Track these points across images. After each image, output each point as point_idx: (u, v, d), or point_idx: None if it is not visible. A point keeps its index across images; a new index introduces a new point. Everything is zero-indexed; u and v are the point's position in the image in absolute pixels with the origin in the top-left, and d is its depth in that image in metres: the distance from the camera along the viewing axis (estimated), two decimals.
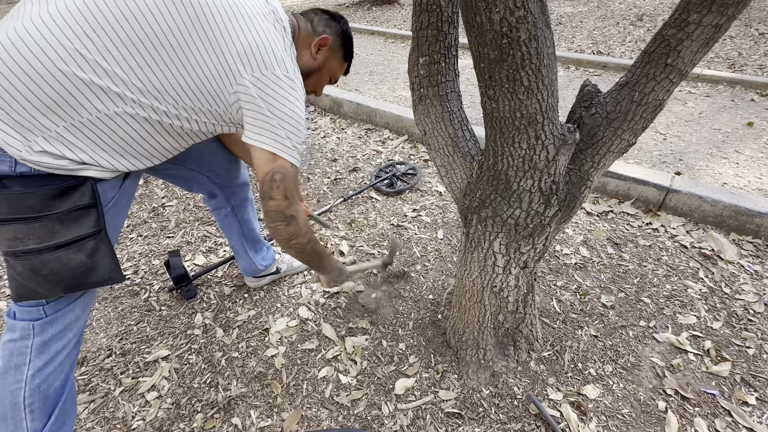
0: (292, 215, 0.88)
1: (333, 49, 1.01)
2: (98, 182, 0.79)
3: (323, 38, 0.96)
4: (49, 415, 0.86)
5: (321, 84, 1.07)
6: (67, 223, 0.75)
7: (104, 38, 0.69)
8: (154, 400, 1.16)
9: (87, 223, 0.77)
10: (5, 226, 0.73)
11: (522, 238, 0.99)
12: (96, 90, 0.70)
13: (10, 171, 0.71)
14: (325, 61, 1.01)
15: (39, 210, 0.73)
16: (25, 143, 0.69)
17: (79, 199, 0.76)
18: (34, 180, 0.73)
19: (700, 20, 0.73)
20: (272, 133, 0.81)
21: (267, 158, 0.82)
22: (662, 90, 0.81)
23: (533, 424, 1.07)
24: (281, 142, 0.82)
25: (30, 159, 0.70)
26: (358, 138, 2.71)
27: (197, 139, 0.90)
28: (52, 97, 0.68)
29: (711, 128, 2.45)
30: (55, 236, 0.75)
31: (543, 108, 0.80)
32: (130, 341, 1.34)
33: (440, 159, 1.04)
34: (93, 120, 0.73)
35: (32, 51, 0.66)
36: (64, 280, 0.78)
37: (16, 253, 0.74)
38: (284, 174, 0.83)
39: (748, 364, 1.19)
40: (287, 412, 1.13)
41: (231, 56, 0.77)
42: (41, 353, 0.83)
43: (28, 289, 0.77)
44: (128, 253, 1.74)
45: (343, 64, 1.08)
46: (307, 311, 1.43)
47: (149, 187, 2.23)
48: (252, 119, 0.81)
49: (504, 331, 1.18)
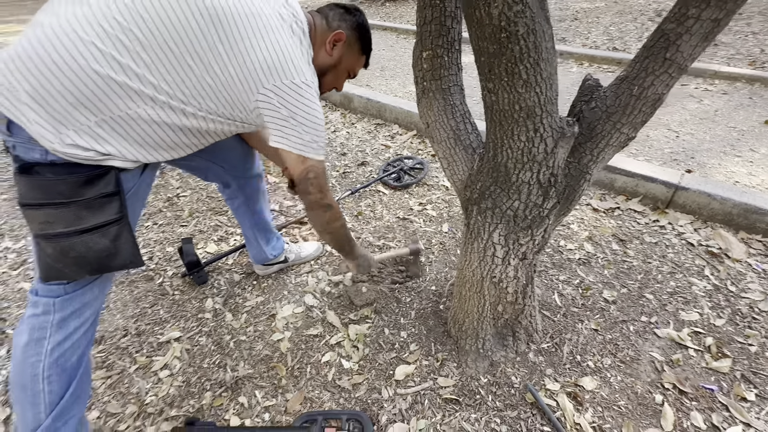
0: (329, 204, 1.01)
1: (349, 44, 1.03)
2: (121, 172, 0.83)
3: (338, 33, 0.99)
4: (66, 387, 0.91)
5: (340, 80, 1.09)
6: (93, 209, 0.80)
7: (137, 45, 0.74)
8: (166, 378, 1.23)
9: (111, 210, 0.82)
10: (37, 210, 0.78)
11: (521, 230, 1.01)
12: (129, 92, 0.76)
13: (41, 159, 0.76)
14: (341, 56, 1.03)
15: (68, 196, 0.78)
16: (57, 135, 0.74)
17: (104, 187, 0.81)
18: (63, 168, 0.77)
19: (699, 14, 0.73)
20: (299, 138, 0.89)
21: (297, 159, 0.92)
22: (661, 84, 0.82)
23: (529, 412, 1.09)
24: (308, 145, 0.90)
25: (61, 150, 0.74)
26: (367, 133, 2.74)
27: (218, 138, 0.95)
28: (86, 94, 0.73)
29: (726, 126, 2.40)
30: (81, 221, 0.79)
31: (541, 101, 0.82)
32: (144, 323, 1.41)
33: (442, 151, 1.07)
34: (123, 116, 0.78)
35: (69, 51, 0.71)
36: (90, 262, 0.83)
37: (47, 236, 0.79)
38: (317, 172, 0.95)
39: (749, 361, 1.19)
40: (291, 393, 1.17)
41: (253, 66, 0.81)
42: (60, 329, 0.88)
43: (56, 270, 0.82)
44: (144, 240, 1.81)
45: (361, 57, 1.09)
46: (312, 299, 1.48)
47: (165, 178, 2.30)
48: (277, 126, 0.87)
49: (503, 321, 1.20)
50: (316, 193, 0.97)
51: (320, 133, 0.91)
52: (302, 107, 0.86)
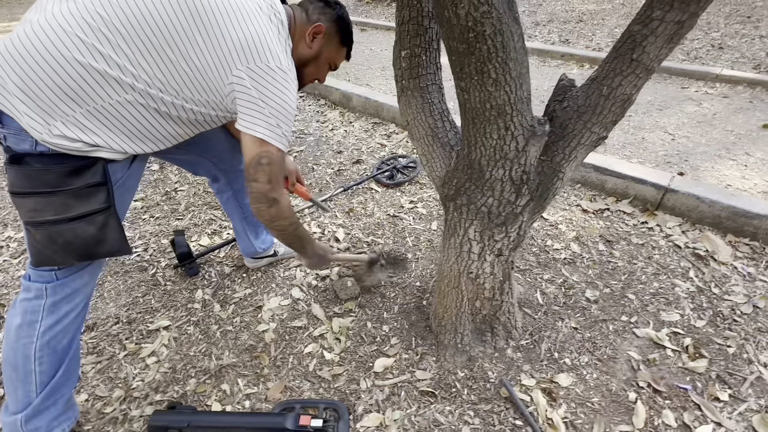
0: (275, 198, 0.93)
1: (328, 36, 1.04)
2: (109, 163, 0.86)
3: (317, 26, 1.00)
4: (57, 369, 0.96)
5: (321, 71, 1.10)
6: (80, 198, 0.83)
7: (117, 35, 0.77)
8: (153, 364, 1.27)
9: (98, 199, 0.85)
10: (26, 198, 0.82)
11: (495, 226, 1.03)
12: (109, 80, 0.79)
13: (30, 149, 0.80)
14: (321, 48, 1.05)
15: (55, 185, 0.81)
16: (46, 126, 0.77)
17: (91, 177, 0.84)
18: (52, 159, 0.80)
19: (663, 17, 0.75)
20: (263, 121, 0.86)
21: (255, 143, 0.88)
22: (629, 84, 0.84)
23: (502, 406, 1.11)
24: (271, 129, 0.88)
25: (49, 141, 0.78)
26: (364, 131, 2.77)
27: (201, 128, 0.98)
28: (70, 85, 0.77)
29: (723, 129, 2.39)
30: (69, 209, 0.83)
31: (511, 100, 0.84)
32: (135, 311, 1.46)
33: (421, 148, 1.09)
34: (106, 107, 0.81)
35: (54, 43, 0.75)
36: (77, 249, 0.86)
37: (36, 223, 0.83)
38: (270, 159, 0.89)
39: (726, 362, 1.19)
40: (272, 382, 1.21)
41: (228, 49, 0.83)
42: (52, 313, 0.92)
43: (45, 255, 0.87)
44: (140, 232, 1.86)
45: (341, 49, 1.10)
46: (299, 292, 1.51)
47: (164, 172, 2.36)
48: (245, 107, 0.86)
49: (481, 317, 1.22)
50: (264, 183, 0.90)
51: (287, 121, 0.90)
52: (274, 91, 0.86)
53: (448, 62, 0.85)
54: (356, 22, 5.96)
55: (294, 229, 1.05)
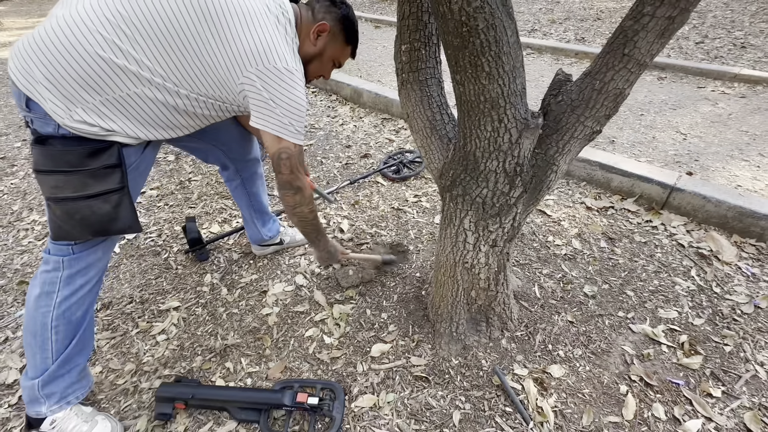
0: (299, 186, 1.05)
1: (333, 34, 1.08)
2: (124, 147, 0.93)
3: (321, 24, 1.05)
4: (71, 338, 1.03)
5: (325, 68, 1.15)
6: (97, 177, 0.90)
7: (135, 33, 0.84)
8: (162, 342, 1.34)
9: (113, 180, 0.92)
10: (48, 176, 0.89)
11: (489, 217, 1.06)
12: (128, 73, 0.85)
13: (54, 132, 0.87)
14: (325, 46, 1.09)
15: (75, 165, 0.88)
16: (67, 112, 0.84)
17: (107, 159, 0.91)
18: (72, 141, 0.88)
19: (654, 12, 0.77)
20: (277, 120, 0.95)
21: (274, 140, 0.97)
22: (621, 79, 0.85)
23: (494, 393, 1.14)
24: (285, 127, 0.96)
25: (70, 125, 0.85)
26: (373, 127, 2.81)
27: (212, 119, 1.04)
28: (91, 76, 0.83)
29: (738, 130, 2.34)
30: (87, 188, 0.90)
31: (505, 93, 0.86)
32: (148, 292, 1.53)
33: (420, 140, 1.13)
34: (124, 97, 0.87)
35: (77, 38, 0.82)
36: (93, 225, 0.93)
37: (56, 199, 0.90)
38: (289, 153, 1.00)
39: (722, 360, 1.19)
40: (273, 362, 1.26)
41: (238, 52, 0.89)
42: (68, 284, 0.99)
43: (63, 230, 0.94)
44: (155, 219, 1.94)
45: (345, 48, 1.14)
46: (303, 279, 1.56)
47: (179, 163, 2.44)
48: (258, 107, 0.94)
49: (477, 307, 1.25)
50: (288, 174, 1.02)
51: (299, 118, 0.97)
52: (283, 91, 0.93)
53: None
54: (371, 19, 5.99)
55: (313, 217, 1.15)
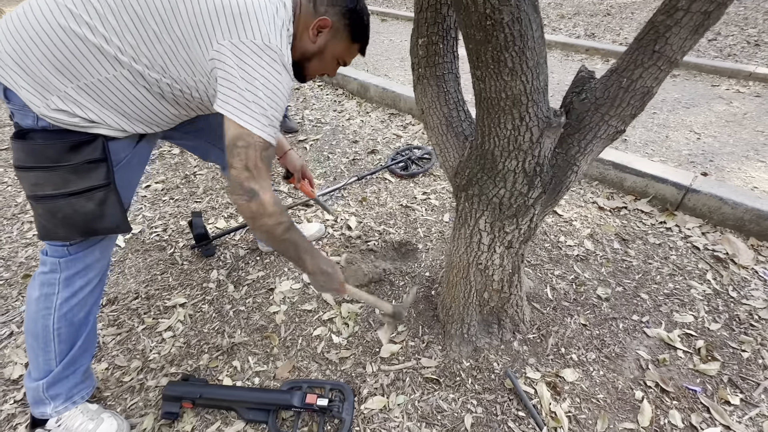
0: (253, 189, 0.82)
1: (335, 31, 0.95)
2: (110, 140, 0.87)
3: (322, 20, 0.92)
4: (75, 340, 1.00)
5: (328, 67, 1.03)
6: (80, 173, 0.84)
7: (106, 9, 0.77)
8: (169, 339, 1.32)
9: (97, 176, 0.85)
10: (28, 172, 0.83)
11: (506, 218, 1.03)
12: (95, 52, 0.77)
13: (33, 125, 0.81)
14: (326, 44, 0.96)
15: (55, 160, 0.82)
16: (43, 101, 0.78)
17: (90, 153, 0.84)
18: (53, 134, 0.82)
19: (689, 6, 0.73)
20: (240, 102, 0.78)
21: (235, 127, 0.79)
22: (650, 77, 0.82)
23: (506, 396, 1.12)
24: (253, 116, 0.79)
25: (48, 115, 0.79)
26: (380, 122, 2.77)
27: (196, 111, 0.94)
28: (57, 56, 0.76)
29: (754, 130, 2.30)
30: (68, 184, 0.83)
31: (527, 90, 0.83)
32: (154, 288, 1.51)
33: (435, 137, 1.09)
34: (95, 83, 0.80)
35: (44, 13, 0.76)
36: (77, 224, 0.87)
37: (36, 197, 0.84)
38: (248, 143, 0.79)
39: (739, 367, 1.17)
40: (281, 361, 1.24)
41: (209, 14, 0.77)
42: (67, 286, 0.95)
43: (47, 229, 0.88)
44: (160, 213, 1.92)
45: (351, 46, 1.00)
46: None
47: (184, 156, 2.42)
48: (224, 87, 0.78)
49: (489, 309, 1.23)
50: (240, 169, 0.79)
51: (272, 106, 0.80)
52: (259, 70, 0.78)
53: (465, 53, 0.84)
54: (377, 12, 5.91)
55: (283, 231, 0.89)
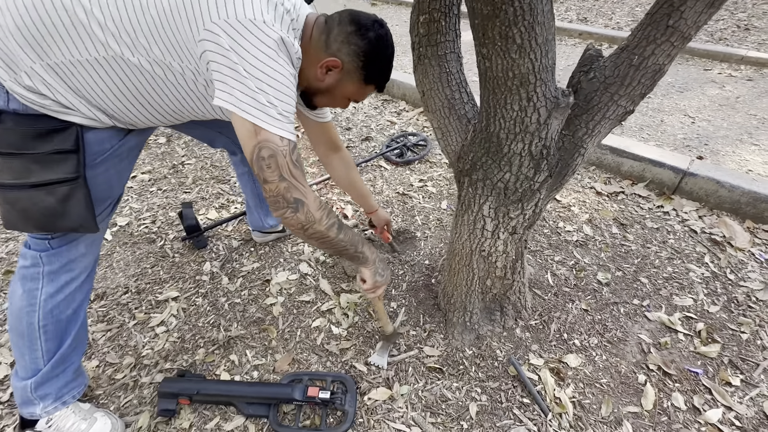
0: (297, 199, 0.75)
1: (346, 73, 0.86)
2: (88, 130, 0.78)
3: (331, 61, 0.82)
4: (63, 337, 0.94)
5: (336, 103, 0.95)
6: (44, 164, 0.75)
7: None
8: (162, 334, 1.27)
9: (64, 168, 0.77)
10: None
11: (511, 203, 1.01)
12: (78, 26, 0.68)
13: (4, 106, 0.73)
14: (336, 84, 0.87)
15: (19, 147, 0.74)
16: (12, 75, 0.71)
17: (60, 143, 0.76)
18: (25, 119, 0.74)
19: None
20: (250, 97, 0.69)
21: (248, 131, 0.71)
22: (662, 54, 0.79)
23: (510, 384, 1.11)
24: (262, 108, 0.69)
25: (18, 92, 0.71)
26: (374, 108, 2.71)
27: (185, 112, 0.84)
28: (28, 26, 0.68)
29: (746, 113, 2.31)
30: (30, 175, 0.76)
31: (536, 68, 0.79)
32: (144, 282, 1.46)
33: (437, 121, 1.05)
34: (66, 64, 0.71)
35: None
36: (34, 219, 0.79)
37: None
38: (273, 150, 0.71)
39: (739, 348, 1.18)
40: (280, 354, 1.21)
41: None
42: (52, 281, 0.89)
43: (7, 219, 0.81)
44: (148, 205, 1.85)
45: (364, 88, 0.90)
46: (307, 267, 1.50)
47: (171, 145, 2.33)
48: (222, 76, 0.69)
49: (491, 296, 1.21)
50: (276, 181, 0.72)
51: (283, 98, 0.71)
52: (259, 55, 0.68)
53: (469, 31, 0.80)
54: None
55: (336, 231, 0.84)
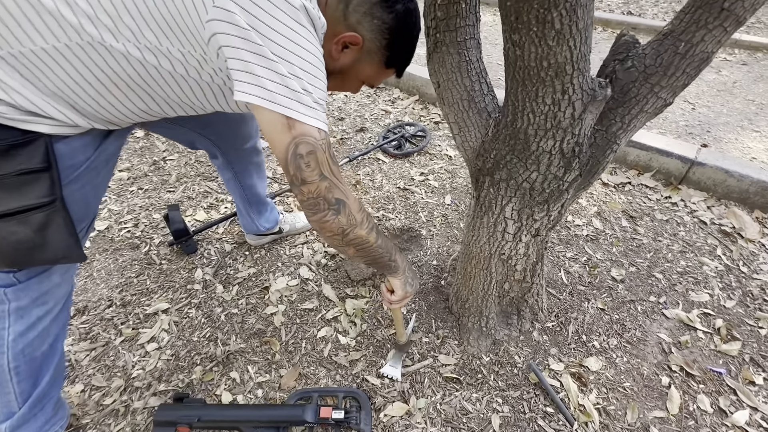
0: (338, 199, 0.65)
1: (366, 52, 0.74)
2: (58, 140, 0.64)
3: (350, 36, 0.70)
4: (38, 375, 0.82)
5: (348, 86, 0.82)
6: (10, 189, 0.61)
7: None
8: (153, 351, 1.17)
9: (35, 192, 0.63)
10: None
11: (536, 204, 0.93)
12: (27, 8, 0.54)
13: None
14: (352, 64, 0.75)
15: None
16: None
17: (26, 161, 0.61)
18: None
19: None
20: (281, 86, 0.57)
21: (281, 124, 0.58)
22: (713, 40, 0.71)
23: (532, 392, 1.05)
24: (296, 98, 0.58)
25: None
26: (366, 96, 2.59)
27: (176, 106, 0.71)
28: None
29: (744, 99, 2.29)
30: None
31: (574, 57, 0.71)
32: (130, 293, 1.34)
33: (453, 115, 0.96)
34: (26, 54, 0.56)
35: None
36: (5, 255, 0.65)
37: None
38: (312, 147, 0.60)
39: (759, 344, 1.15)
40: (285, 369, 1.13)
41: None
42: (21, 318, 0.75)
43: None
44: (129, 206, 1.71)
45: (384, 71, 0.79)
46: (308, 271, 1.41)
47: (150, 139, 2.16)
48: (244, 63, 0.56)
49: (509, 300, 1.15)
50: (317, 181, 0.62)
51: (315, 81, 0.60)
52: (284, 31, 0.56)
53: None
54: None
55: (376, 236, 0.74)
